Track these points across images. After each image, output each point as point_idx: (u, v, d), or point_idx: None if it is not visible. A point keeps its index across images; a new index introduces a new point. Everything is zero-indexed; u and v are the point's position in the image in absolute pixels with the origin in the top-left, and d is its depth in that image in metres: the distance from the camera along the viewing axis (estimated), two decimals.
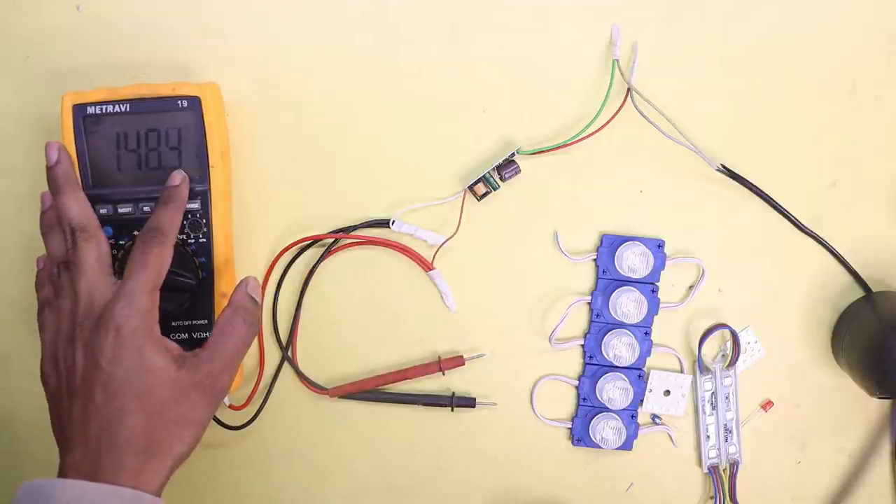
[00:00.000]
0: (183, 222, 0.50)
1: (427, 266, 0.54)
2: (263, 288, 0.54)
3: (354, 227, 0.54)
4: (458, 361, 0.54)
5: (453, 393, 0.55)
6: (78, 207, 0.47)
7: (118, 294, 0.44)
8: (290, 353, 0.55)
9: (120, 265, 0.48)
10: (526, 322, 0.55)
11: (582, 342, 0.55)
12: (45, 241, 0.48)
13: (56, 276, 0.47)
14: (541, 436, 0.56)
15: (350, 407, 0.56)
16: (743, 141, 0.54)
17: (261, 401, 0.55)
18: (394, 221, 0.54)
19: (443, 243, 0.54)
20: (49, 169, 0.48)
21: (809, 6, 0.53)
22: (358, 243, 0.55)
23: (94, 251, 0.46)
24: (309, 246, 0.55)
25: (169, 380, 0.43)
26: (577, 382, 0.55)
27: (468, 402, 0.55)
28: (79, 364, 0.43)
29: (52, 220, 0.48)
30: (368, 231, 0.54)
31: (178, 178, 0.49)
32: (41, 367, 0.46)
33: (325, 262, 0.55)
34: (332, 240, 0.54)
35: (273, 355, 0.55)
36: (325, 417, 0.56)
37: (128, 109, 0.50)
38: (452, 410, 0.55)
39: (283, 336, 0.55)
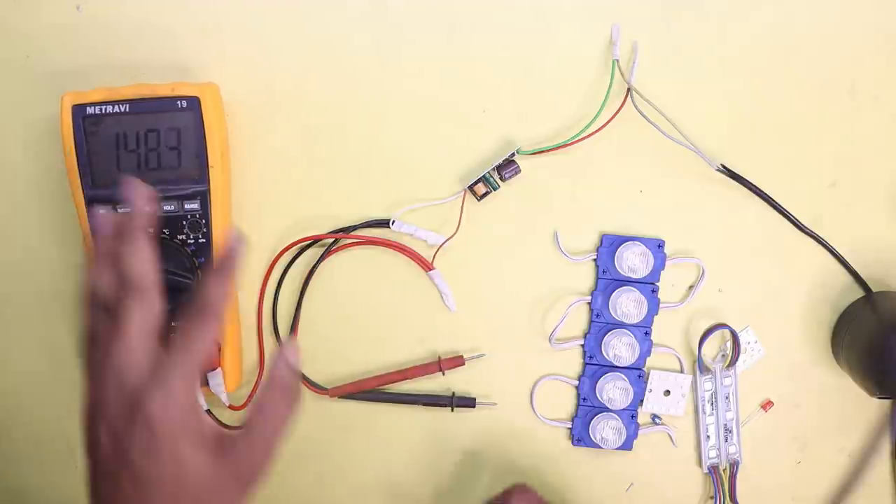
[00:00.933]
0: (182, 223, 0.50)
1: (427, 266, 0.54)
2: (263, 288, 0.54)
3: (354, 227, 0.54)
4: (458, 361, 0.54)
5: (453, 393, 0.55)
6: (140, 263, 0.40)
7: (156, 379, 0.37)
8: None
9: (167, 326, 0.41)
10: (526, 322, 0.55)
11: (582, 342, 0.55)
12: (94, 252, 0.41)
13: (99, 308, 0.40)
14: (541, 436, 0.56)
15: (350, 407, 0.56)
16: (743, 141, 0.54)
17: None
18: (394, 221, 0.54)
19: (443, 243, 0.54)
20: (130, 206, 0.41)
21: (809, 6, 0.53)
22: (358, 243, 0.54)
23: (139, 318, 0.38)
24: (309, 246, 0.55)
25: (206, 477, 0.38)
26: (577, 382, 0.55)
27: (468, 402, 0.55)
28: (107, 445, 0.38)
29: (110, 247, 0.40)
30: (368, 231, 0.54)
31: (234, 242, 0.41)
32: (84, 411, 0.39)
33: (325, 262, 0.55)
34: (332, 240, 0.54)
35: (269, 353, 0.55)
36: (325, 417, 0.56)
37: (127, 110, 0.50)
38: (452, 410, 0.55)
39: (284, 336, 0.55)
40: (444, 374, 0.54)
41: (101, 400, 0.38)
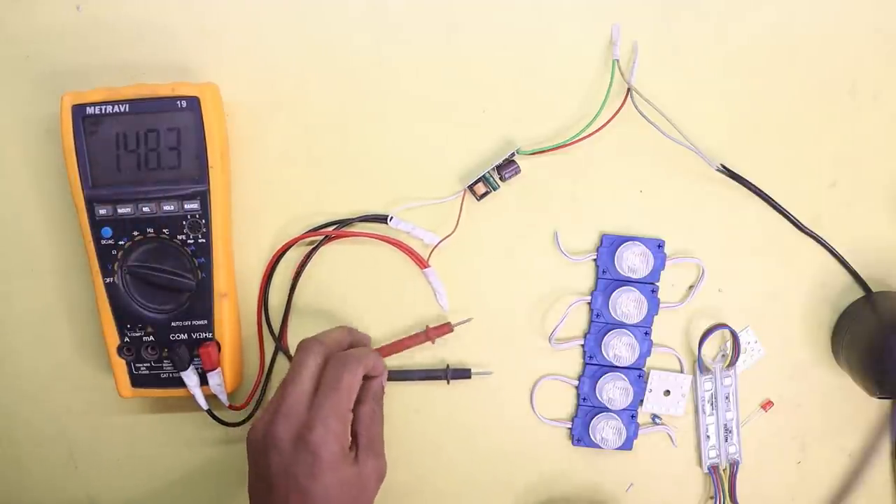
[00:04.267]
0: (182, 222, 0.50)
1: (422, 263, 0.54)
2: (263, 287, 0.55)
3: (351, 221, 0.54)
4: (445, 329, 0.54)
5: (448, 365, 0.54)
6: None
7: (314, 419, 0.45)
8: (281, 343, 0.55)
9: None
10: (526, 322, 0.55)
11: (582, 342, 0.55)
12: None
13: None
14: (541, 436, 0.56)
15: None
16: (743, 141, 0.54)
17: (257, 398, 0.55)
18: (391, 217, 0.53)
19: (438, 243, 0.54)
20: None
21: (809, 6, 0.53)
22: (355, 234, 0.54)
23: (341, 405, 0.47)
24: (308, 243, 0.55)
25: (355, 484, 0.47)
26: (577, 382, 0.55)
27: (464, 374, 0.54)
28: (276, 465, 0.46)
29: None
30: (365, 227, 0.54)
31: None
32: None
33: (320, 256, 0.55)
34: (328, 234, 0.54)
35: (269, 352, 0.55)
36: None
37: (127, 110, 0.50)
38: (448, 383, 0.54)
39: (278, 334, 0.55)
40: (433, 342, 0.54)
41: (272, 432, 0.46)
